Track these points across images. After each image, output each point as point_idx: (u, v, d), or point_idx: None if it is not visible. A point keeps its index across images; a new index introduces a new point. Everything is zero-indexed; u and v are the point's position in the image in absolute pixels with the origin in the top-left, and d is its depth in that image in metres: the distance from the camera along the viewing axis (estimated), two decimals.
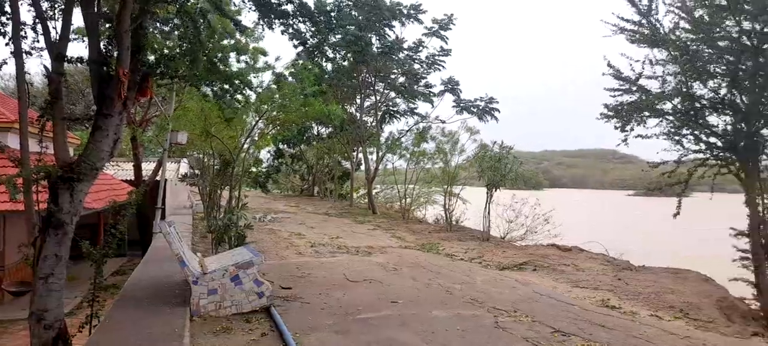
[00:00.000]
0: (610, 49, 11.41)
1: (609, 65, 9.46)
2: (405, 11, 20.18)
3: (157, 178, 13.08)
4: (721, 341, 5.02)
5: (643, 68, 9.24)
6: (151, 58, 6.11)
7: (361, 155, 24.20)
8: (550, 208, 15.21)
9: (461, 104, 21.25)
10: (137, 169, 14.99)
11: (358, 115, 22.81)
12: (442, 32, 20.59)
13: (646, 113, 9.23)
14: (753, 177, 8.49)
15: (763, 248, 8.42)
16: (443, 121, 21.39)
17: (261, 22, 7.72)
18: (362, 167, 24.51)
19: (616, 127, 9.71)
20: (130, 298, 5.34)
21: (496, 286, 7.08)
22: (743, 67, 8.23)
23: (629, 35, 9.23)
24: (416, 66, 21.60)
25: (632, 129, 9.46)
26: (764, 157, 8.67)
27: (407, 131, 21.87)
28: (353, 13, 19.76)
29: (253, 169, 18.11)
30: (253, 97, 10.54)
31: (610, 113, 9.72)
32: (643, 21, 9.00)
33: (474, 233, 14.48)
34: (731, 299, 7.77)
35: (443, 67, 21.45)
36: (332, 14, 19.90)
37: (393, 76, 21.82)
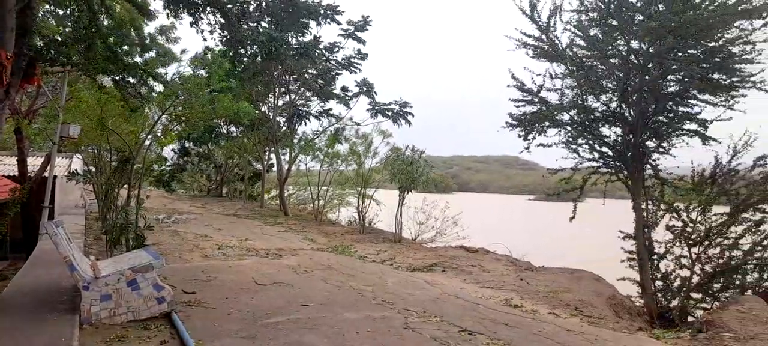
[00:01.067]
0: (516, 62, 12.06)
1: (513, 77, 9.99)
2: (322, 11, 20.01)
3: (46, 174, 11.95)
4: (610, 335, 5.44)
5: (544, 81, 9.87)
6: (40, 42, 5.56)
7: (273, 156, 23.66)
8: (459, 211, 15.77)
9: (376, 107, 21.39)
10: (22, 164, 13.60)
11: (271, 114, 22.29)
12: (358, 34, 20.65)
13: (547, 123, 9.83)
14: (638, 184, 9.32)
15: (647, 249, 9.27)
16: (358, 124, 21.42)
17: (167, 11, 7.32)
18: (274, 168, 23.96)
19: (519, 136, 10.26)
20: (10, 306, 4.81)
21: (407, 287, 7.19)
22: (631, 83, 9.02)
23: (531, 50, 9.79)
24: (332, 67, 21.50)
25: (534, 138, 10.03)
26: (648, 166, 9.55)
27: (321, 132, 21.67)
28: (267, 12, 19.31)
29: (156, 168, 17.07)
30: (158, 89, 9.97)
31: (514, 122, 10.24)
32: (543, 37, 9.60)
33: (386, 235, 14.65)
34: (619, 297, 8.46)
35: (359, 69, 21.51)
36: (245, 6, 19.30)
37: (308, 76, 21.56)
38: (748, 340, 5.50)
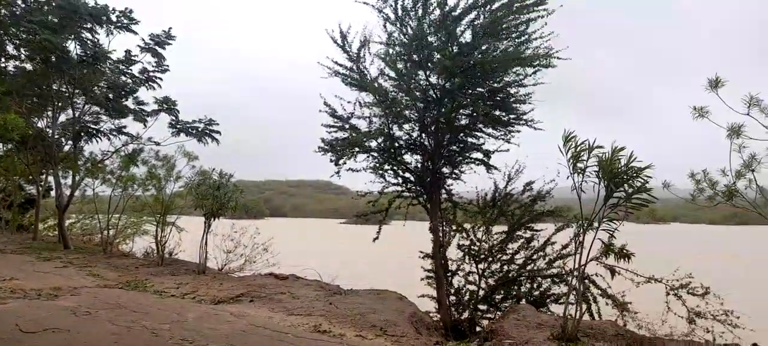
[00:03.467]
0: (330, 89, 12.39)
1: (325, 104, 10.21)
2: (113, 18, 17.95)
3: None
4: None
5: (354, 109, 10.25)
6: None
7: (51, 179, 20.34)
8: (270, 236, 15.42)
9: (178, 126, 19.83)
10: None
11: (49, 131, 19.20)
12: (159, 49, 19.04)
13: (356, 149, 10.19)
14: (435, 207, 10.19)
15: (443, 267, 10.14)
16: (157, 143, 19.58)
17: None
18: (53, 193, 20.60)
19: (331, 161, 10.47)
20: None
21: (210, 322, 6.72)
22: (429, 115, 9.90)
23: (343, 78, 10.15)
24: (127, 80, 19.37)
25: (344, 163, 10.31)
26: (444, 191, 10.54)
27: (113, 153, 19.30)
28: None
29: None
30: None
31: (326, 147, 10.43)
32: (354, 67, 10.04)
33: (189, 266, 13.60)
34: (420, 314, 9.06)
35: (159, 84, 19.77)
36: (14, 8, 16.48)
37: (97, 90, 19.06)
38: (523, 344, 6.31)
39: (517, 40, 9.24)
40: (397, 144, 10.30)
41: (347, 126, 10.35)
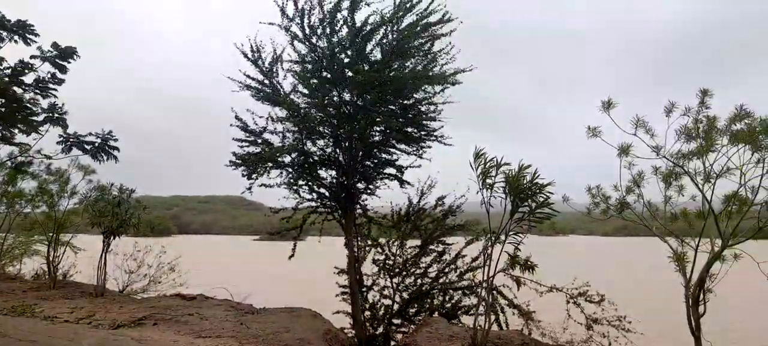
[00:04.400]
0: (243, 103, 12.08)
1: (236, 117, 9.97)
2: (7, 26, 16.39)
3: None
4: None
5: (267, 124, 10.09)
6: None
7: None
8: (178, 255, 14.72)
9: (70, 140, 18.26)
10: None
11: None
12: (61, 62, 17.53)
13: (270, 164, 10.03)
14: (350, 223, 10.24)
15: (357, 283, 10.18)
16: (49, 157, 18.00)
17: None
18: None
19: (243, 176, 10.21)
20: None
21: None
22: (343, 131, 9.96)
23: (254, 92, 9.98)
24: (18, 90, 17.71)
25: (257, 178, 10.10)
26: (358, 206, 10.62)
27: None
28: None
29: None
30: None
31: (238, 162, 10.16)
32: (266, 81, 9.90)
33: (86, 289, 12.63)
34: (334, 331, 9.03)
35: (54, 94, 18.25)
36: None
37: None
38: None
39: (424, 58, 9.58)
40: (311, 159, 10.26)
41: (260, 141, 10.16)
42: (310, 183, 10.48)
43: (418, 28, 9.31)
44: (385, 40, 9.49)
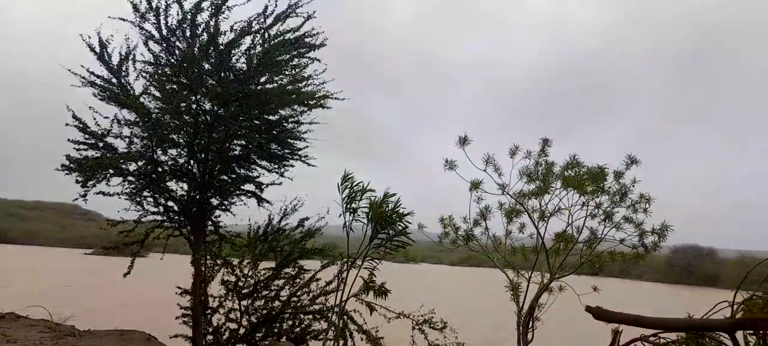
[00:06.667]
0: (80, 99, 10.83)
1: (74, 116, 8.95)
2: None
3: None
4: None
5: (111, 126, 9.21)
6: None
7: None
8: None
9: None
10: None
11: None
12: None
13: (111, 171, 9.15)
14: (199, 240, 9.69)
15: (202, 304, 9.62)
16: None
17: None
18: None
19: (77, 182, 9.15)
20: None
21: None
22: (200, 141, 9.44)
23: (99, 91, 9.09)
24: None
25: (95, 185, 9.13)
26: (210, 223, 10.07)
27: None
28: None
29: None
30: None
31: (73, 166, 9.10)
32: (114, 80, 9.07)
33: None
34: None
35: None
36: None
37: None
38: None
39: (293, 76, 9.53)
40: (160, 169, 9.54)
41: (101, 144, 9.20)
42: (157, 195, 9.72)
43: (287, 43, 9.24)
44: (252, 51, 9.26)
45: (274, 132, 9.93)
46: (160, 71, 9.27)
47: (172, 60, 9.24)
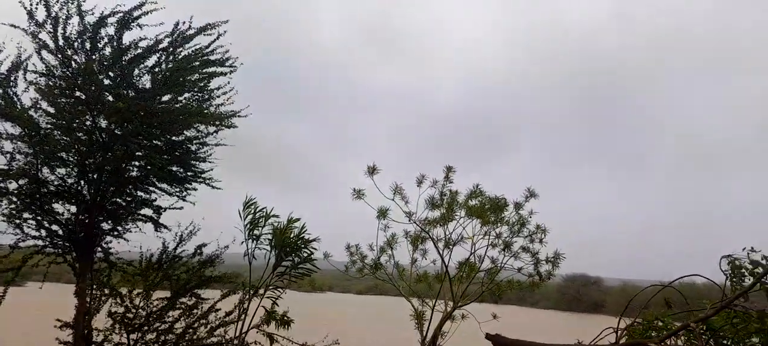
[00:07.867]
0: None
1: None
2: None
3: None
4: None
5: None
6: None
7: None
8: None
9: None
10: None
11: None
12: None
13: None
14: (86, 268, 8.96)
15: (84, 339, 8.83)
16: None
17: None
18: None
19: None
20: None
21: None
22: (93, 160, 8.84)
23: None
24: None
25: None
26: (100, 249, 9.35)
27: None
28: None
29: None
30: None
31: None
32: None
33: None
34: None
35: None
36: None
37: None
38: None
39: (199, 95, 9.27)
40: (45, 189, 8.78)
41: None
42: (40, 217, 8.91)
43: (197, 63, 9.00)
44: (157, 69, 8.91)
45: (177, 153, 9.51)
46: (50, 82, 8.63)
47: (68, 73, 8.66)
